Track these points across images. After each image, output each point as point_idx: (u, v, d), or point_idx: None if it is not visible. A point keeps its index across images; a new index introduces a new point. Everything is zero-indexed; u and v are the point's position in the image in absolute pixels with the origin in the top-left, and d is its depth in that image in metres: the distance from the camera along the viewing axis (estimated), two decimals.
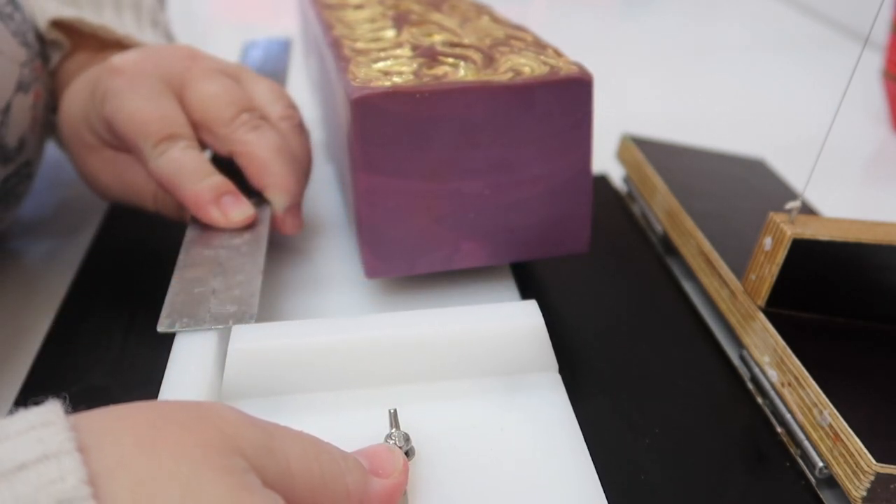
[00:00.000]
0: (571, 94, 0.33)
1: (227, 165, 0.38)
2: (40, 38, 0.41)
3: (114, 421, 0.19)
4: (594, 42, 0.81)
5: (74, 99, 0.39)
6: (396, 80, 0.33)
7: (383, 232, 0.34)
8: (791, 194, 0.45)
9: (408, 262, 0.35)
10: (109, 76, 0.37)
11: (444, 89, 0.32)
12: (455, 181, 0.34)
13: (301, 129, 0.40)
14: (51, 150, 0.46)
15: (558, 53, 0.36)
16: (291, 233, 0.38)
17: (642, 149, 0.47)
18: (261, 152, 0.36)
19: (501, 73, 0.33)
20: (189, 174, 0.35)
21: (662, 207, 0.43)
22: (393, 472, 0.25)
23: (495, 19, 0.41)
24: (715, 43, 0.81)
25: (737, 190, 0.46)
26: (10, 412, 0.30)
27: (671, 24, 0.87)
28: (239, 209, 0.36)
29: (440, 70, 0.34)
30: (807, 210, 0.44)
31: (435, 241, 0.35)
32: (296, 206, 0.38)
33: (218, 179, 0.36)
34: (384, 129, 0.32)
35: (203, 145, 0.38)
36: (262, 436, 0.21)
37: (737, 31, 0.85)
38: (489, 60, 0.35)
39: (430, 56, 0.35)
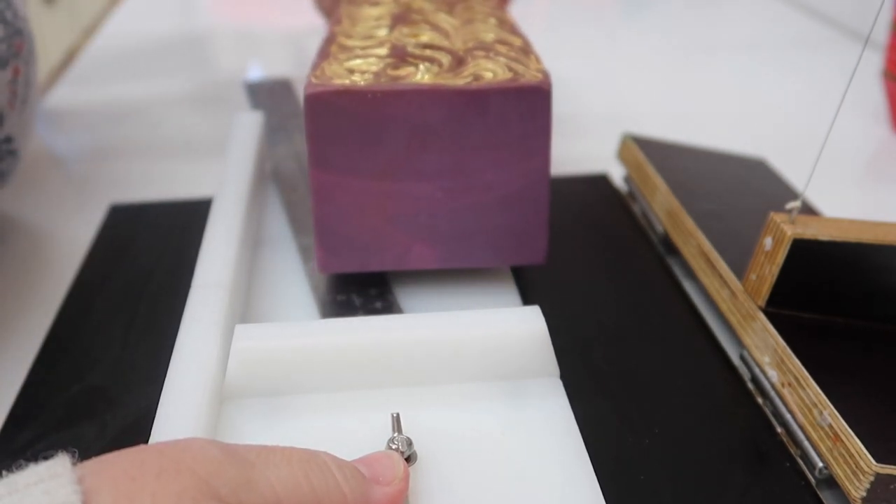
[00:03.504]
0: (528, 102, 0.33)
1: None
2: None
3: (96, 475, 0.20)
4: (595, 42, 0.81)
5: None
6: (356, 78, 0.33)
7: (335, 228, 0.35)
8: (791, 194, 0.44)
9: (360, 258, 0.36)
10: None
11: (396, 90, 0.32)
12: (406, 182, 0.34)
13: None
14: (51, 148, 0.46)
15: (537, 61, 0.36)
16: None
17: (643, 148, 0.47)
18: None
19: (462, 78, 0.33)
20: None
21: (663, 207, 0.43)
22: (394, 479, 0.25)
23: (501, 22, 0.41)
24: (715, 42, 0.81)
25: (737, 190, 0.46)
26: (11, 413, 0.31)
27: (671, 24, 0.87)
28: None
29: (404, 71, 0.34)
30: (807, 210, 0.43)
31: (386, 240, 0.35)
32: None
33: None
34: (336, 127, 0.33)
35: None
36: (241, 470, 0.21)
37: (737, 30, 0.85)
38: (457, 64, 0.35)
39: (398, 57, 0.36)
